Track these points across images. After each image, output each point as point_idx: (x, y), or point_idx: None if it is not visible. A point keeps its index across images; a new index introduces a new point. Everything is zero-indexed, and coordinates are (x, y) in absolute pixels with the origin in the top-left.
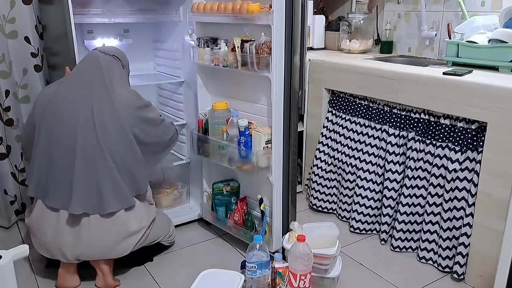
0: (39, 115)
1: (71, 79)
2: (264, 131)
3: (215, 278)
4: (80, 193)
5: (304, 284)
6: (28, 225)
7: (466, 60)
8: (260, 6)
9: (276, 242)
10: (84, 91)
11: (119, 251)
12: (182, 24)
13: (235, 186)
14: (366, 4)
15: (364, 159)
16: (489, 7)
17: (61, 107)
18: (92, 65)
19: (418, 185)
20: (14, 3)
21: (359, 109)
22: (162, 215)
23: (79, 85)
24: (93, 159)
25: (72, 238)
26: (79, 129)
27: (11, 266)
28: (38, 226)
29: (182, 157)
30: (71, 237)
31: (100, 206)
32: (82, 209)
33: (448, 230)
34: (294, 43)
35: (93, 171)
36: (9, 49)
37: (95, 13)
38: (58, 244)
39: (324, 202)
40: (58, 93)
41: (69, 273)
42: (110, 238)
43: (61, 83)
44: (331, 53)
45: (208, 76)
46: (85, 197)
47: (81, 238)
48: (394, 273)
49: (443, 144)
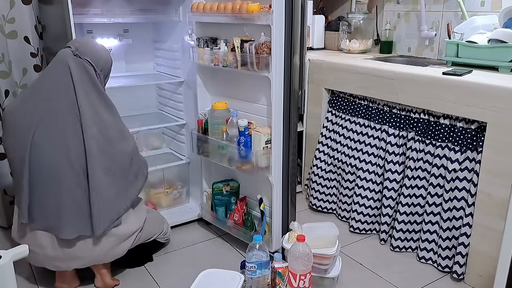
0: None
1: (40, 91)
2: (264, 131)
3: (215, 278)
4: (70, 217)
5: (303, 284)
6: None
7: (466, 60)
8: (260, 6)
9: (275, 242)
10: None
11: (114, 256)
12: (182, 24)
13: (234, 186)
14: (365, 4)
15: (364, 159)
16: (489, 7)
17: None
18: (62, 76)
19: (417, 185)
20: (13, 3)
21: (358, 109)
22: (153, 213)
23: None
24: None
25: (64, 252)
26: (58, 160)
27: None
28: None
29: (181, 157)
30: (63, 251)
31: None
32: (75, 233)
33: (448, 230)
34: (293, 43)
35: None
36: (9, 49)
37: (95, 13)
38: (52, 259)
39: (324, 202)
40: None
41: (68, 273)
42: (103, 247)
43: (27, 99)
44: (330, 53)
45: (208, 76)
46: (76, 221)
47: (74, 251)
48: (393, 273)
49: (442, 144)
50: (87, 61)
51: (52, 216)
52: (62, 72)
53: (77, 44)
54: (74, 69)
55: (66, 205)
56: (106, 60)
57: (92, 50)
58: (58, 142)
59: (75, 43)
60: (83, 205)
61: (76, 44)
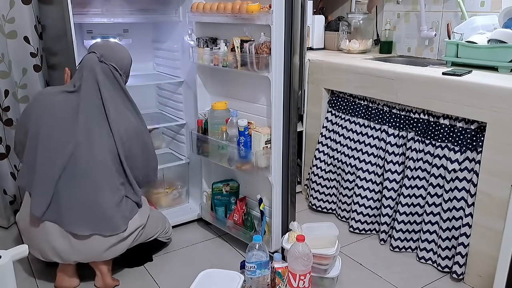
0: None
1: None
2: (264, 131)
3: (215, 278)
4: (84, 212)
5: (303, 284)
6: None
7: (466, 60)
8: (260, 6)
9: (275, 242)
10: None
11: (115, 253)
12: (182, 24)
13: (234, 186)
14: (365, 4)
15: (363, 159)
16: (489, 7)
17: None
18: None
19: (417, 185)
20: (13, 3)
21: (358, 109)
22: (155, 212)
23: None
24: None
25: (66, 243)
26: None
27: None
28: (29, 230)
29: (181, 157)
30: (65, 241)
31: (106, 226)
32: (90, 230)
33: (448, 230)
34: (293, 43)
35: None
36: (9, 49)
37: (95, 13)
38: (53, 248)
39: (324, 202)
40: (55, 106)
41: (68, 273)
42: (105, 243)
43: (58, 94)
44: (330, 53)
45: (208, 76)
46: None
47: (75, 245)
48: (393, 273)
49: (442, 144)
50: (113, 67)
51: (65, 211)
52: (89, 79)
53: (101, 51)
54: (100, 74)
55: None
56: (128, 61)
57: (116, 55)
58: (92, 141)
59: (100, 49)
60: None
61: (100, 50)
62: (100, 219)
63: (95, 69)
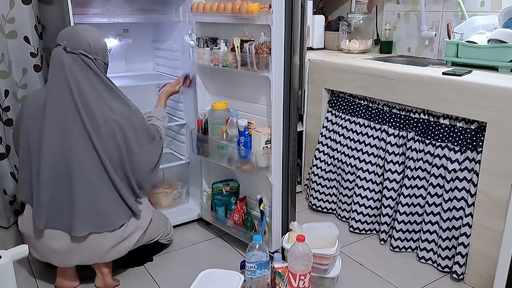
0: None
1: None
2: (264, 131)
3: (215, 278)
4: (82, 213)
5: (303, 284)
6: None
7: (466, 60)
8: (260, 6)
9: (275, 242)
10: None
11: (117, 254)
12: (182, 24)
13: (234, 186)
14: (365, 4)
15: (363, 159)
16: (489, 7)
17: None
18: (58, 75)
19: (417, 185)
20: (13, 3)
21: (358, 109)
22: (158, 214)
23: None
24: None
25: (68, 246)
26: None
27: (10, 266)
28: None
29: (181, 157)
30: (66, 244)
31: (102, 224)
32: (87, 230)
33: (448, 230)
34: (293, 43)
35: (92, 188)
36: (9, 49)
37: (95, 13)
38: (54, 250)
39: (324, 202)
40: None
41: (68, 273)
42: (107, 244)
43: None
44: (330, 53)
45: (208, 76)
46: (87, 217)
47: (78, 246)
48: (393, 273)
49: (442, 144)
50: (82, 53)
51: (65, 215)
52: (58, 73)
53: (65, 41)
54: (68, 66)
55: (80, 202)
56: (97, 42)
57: (80, 40)
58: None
59: (63, 39)
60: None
61: (64, 40)
62: (96, 217)
63: (63, 62)
